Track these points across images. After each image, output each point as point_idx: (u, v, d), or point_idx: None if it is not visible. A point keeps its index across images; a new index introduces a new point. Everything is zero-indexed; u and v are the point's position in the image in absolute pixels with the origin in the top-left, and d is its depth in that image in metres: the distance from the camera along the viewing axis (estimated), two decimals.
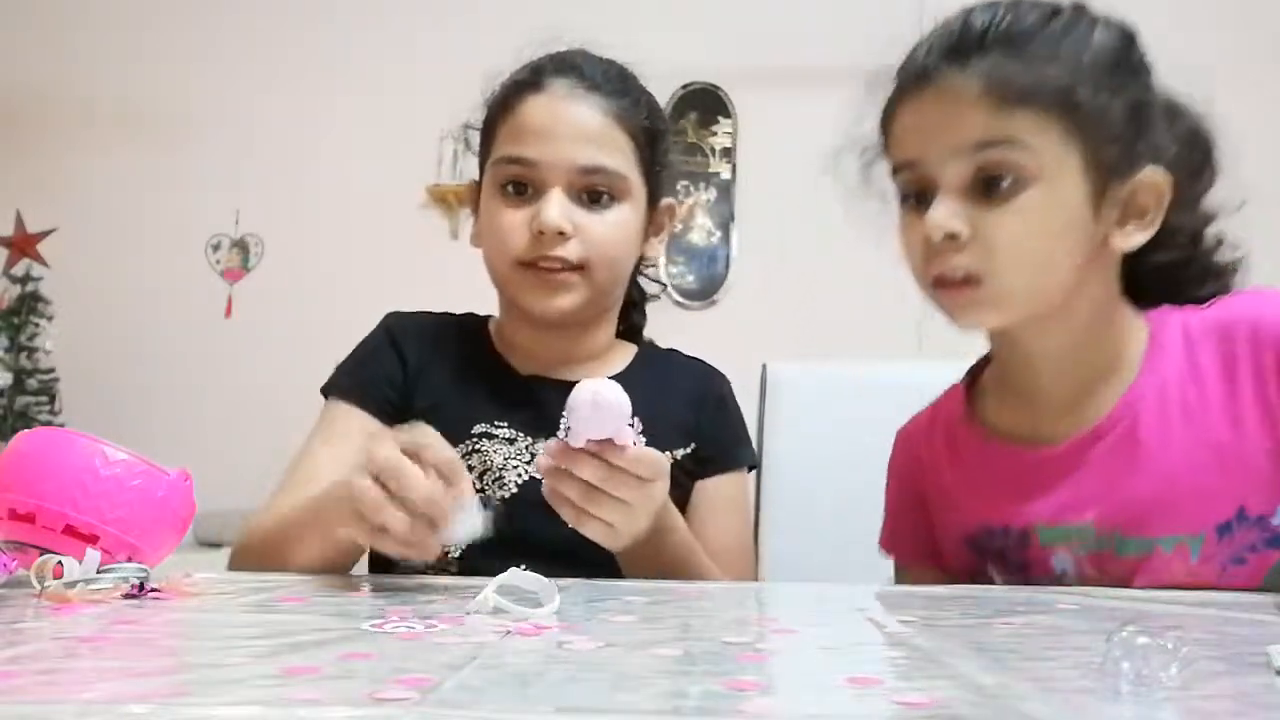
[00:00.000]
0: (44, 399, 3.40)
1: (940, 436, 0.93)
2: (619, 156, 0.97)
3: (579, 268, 0.96)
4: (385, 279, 2.02)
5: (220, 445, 2.97)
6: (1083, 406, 0.84)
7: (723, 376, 1.09)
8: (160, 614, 0.54)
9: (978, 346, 1.02)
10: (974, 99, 0.77)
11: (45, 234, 3.66)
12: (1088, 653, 0.44)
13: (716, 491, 1.02)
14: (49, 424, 3.27)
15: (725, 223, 3.59)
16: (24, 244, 3.65)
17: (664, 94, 3.59)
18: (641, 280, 1.12)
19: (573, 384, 0.73)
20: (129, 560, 0.64)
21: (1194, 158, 0.85)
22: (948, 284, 0.80)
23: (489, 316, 1.09)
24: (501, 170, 0.97)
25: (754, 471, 1.07)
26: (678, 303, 3.56)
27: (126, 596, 0.59)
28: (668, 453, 0.96)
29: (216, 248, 3.66)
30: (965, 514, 0.89)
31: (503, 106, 0.98)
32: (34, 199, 3.67)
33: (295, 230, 3.57)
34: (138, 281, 3.58)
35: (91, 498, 0.65)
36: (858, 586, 0.76)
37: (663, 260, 3.57)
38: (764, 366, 1.27)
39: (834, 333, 3.08)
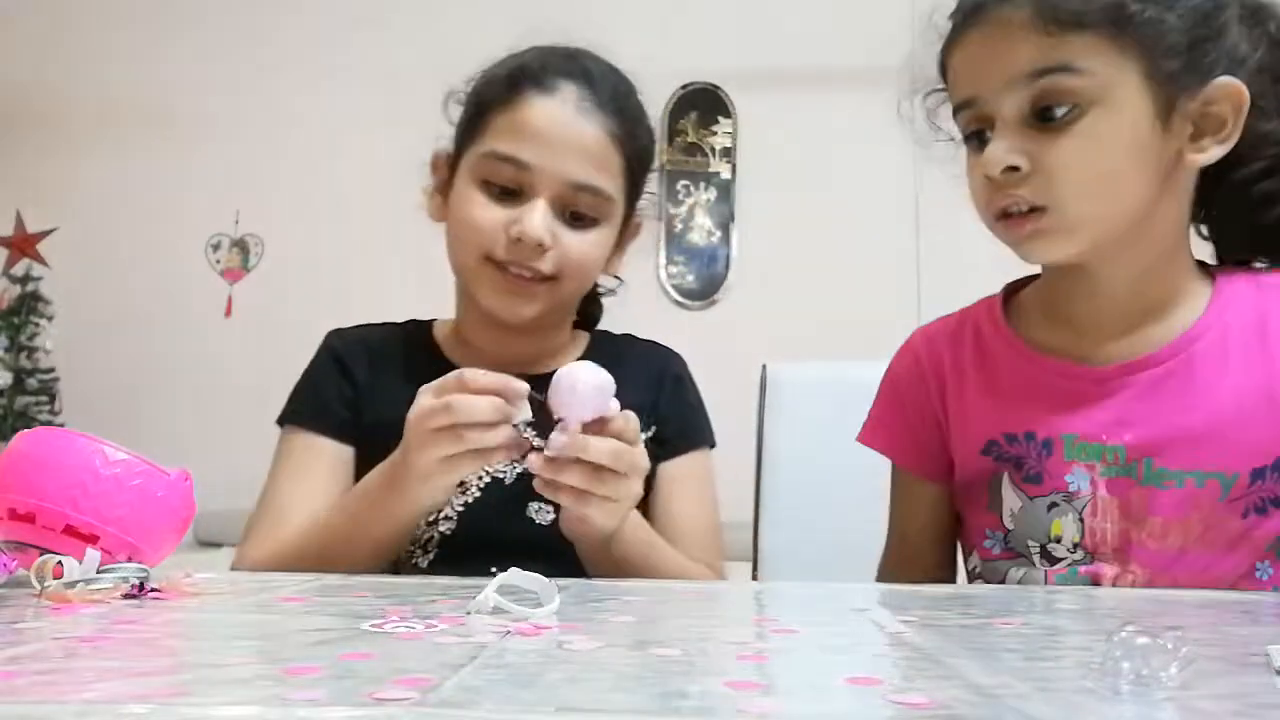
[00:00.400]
0: (44, 399, 3.40)
1: (969, 342, 0.92)
2: (611, 179, 0.95)
3: (550, 279, 0.95)
4: (385, 279, 2.02)
5: (220, 445, 2.97)
6: (1132, 337, 0.83)
7: (679, 357, 1.10)
8: (160, 614, 0.54)
9: None
10: (1023, 28, 0.76)
11: (45, 234, 3.66)
12: (1088, 653, 0.44)
13: (680, 472, 1.02)
14: (49, 424, 3.27)
15: (725, 223, 3.59)
16: (24, 244, 3.66)
17: (664, 94, 3.61)
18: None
19: (527, 381, 0.76)
20: (129, 560, 0.64)
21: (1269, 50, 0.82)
22: (1011, 217, 0.79)
23: (432, 321, 1.08)
24: (491, 165, 0.94)
25: (713, 449, 1.07)
26: (678, 303, 3.56)
27: (126, 596, 0.59)
28: None
29: (216, 248, 3.67)
30: (986, 420, 0.87)
31: (503, 97, 0.95)
32: (34, 199, 3.67)
33: (295, 230, 3.57)
34: (138, 281, 3.58)
35: (91, 498, 0.65)
36: (858, 586, 0.76)
37: (663, 260, 3.58)
38: (764, 366, 1.27)
39: (834, 333, 3.08)
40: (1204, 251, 0.88)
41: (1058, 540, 0.82)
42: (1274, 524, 0.79)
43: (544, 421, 0.75)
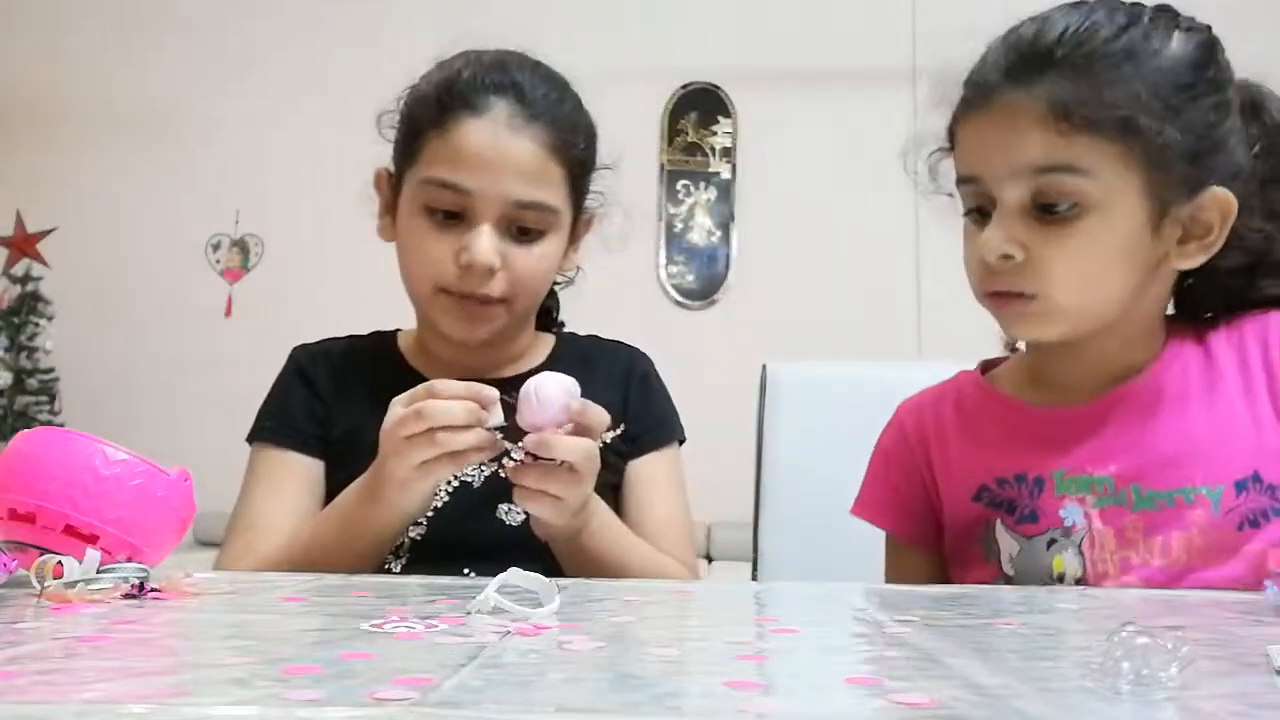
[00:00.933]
0: (44, 399, 3.40)
1: (951, 406, 0.95)
2: (553, 191, 0.94)
3: (502, 300, 0.95)
4: (385, 278, 2.02)
5: (220, 445, 2.97)
6: (1110, 385, 0.87)
7: (644, 355, 1.10)
8: (160, 614, 0.54)
9: (977, 348, 1.03)
10: (1035, 121, 0.77)
11: (45, 234, 3.66)
12: (1088, 653, 0.44)
13: (650, 469, 1.03)
14: (49, 424, 3.27)
15: (725, 223, 3.59)
16: (24, 244, 3.66)
17: (664, 94, 3.61)
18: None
19: (492, 385, 0.78)
20: (129, 560, 0.64)
21: (1273, 156, 0.84)
22: (1002, 296, 0.81)
23: (397, 331, 1.09)
24: (431, 192, 0.93)
25: (683, 445, 1.08)
26: (678, 303, 3.57)
27: (126, 596, 0.59)
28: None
29: (216, 248, 3.67)
30: (975, 469, 0.89)
31: (435, 118, 0.93)
32: (34, 199, 3.67)
33: (295, 230, 3.57)
34: (138, 281, 3.59)
35: (91, 498, 0.65)
36: (858, 586, 0.76)
37: (663, 260, 3.58)
38: (764, 367, 1.27)
39: (834, 333, 3.08)
40: None
41: (1060, 578, 0.83)
42: (1270, 534, 0.80)
43: (516, 426, 0.77)
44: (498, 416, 0.77)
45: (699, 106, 3.63)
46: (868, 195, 3.28)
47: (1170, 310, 0.90)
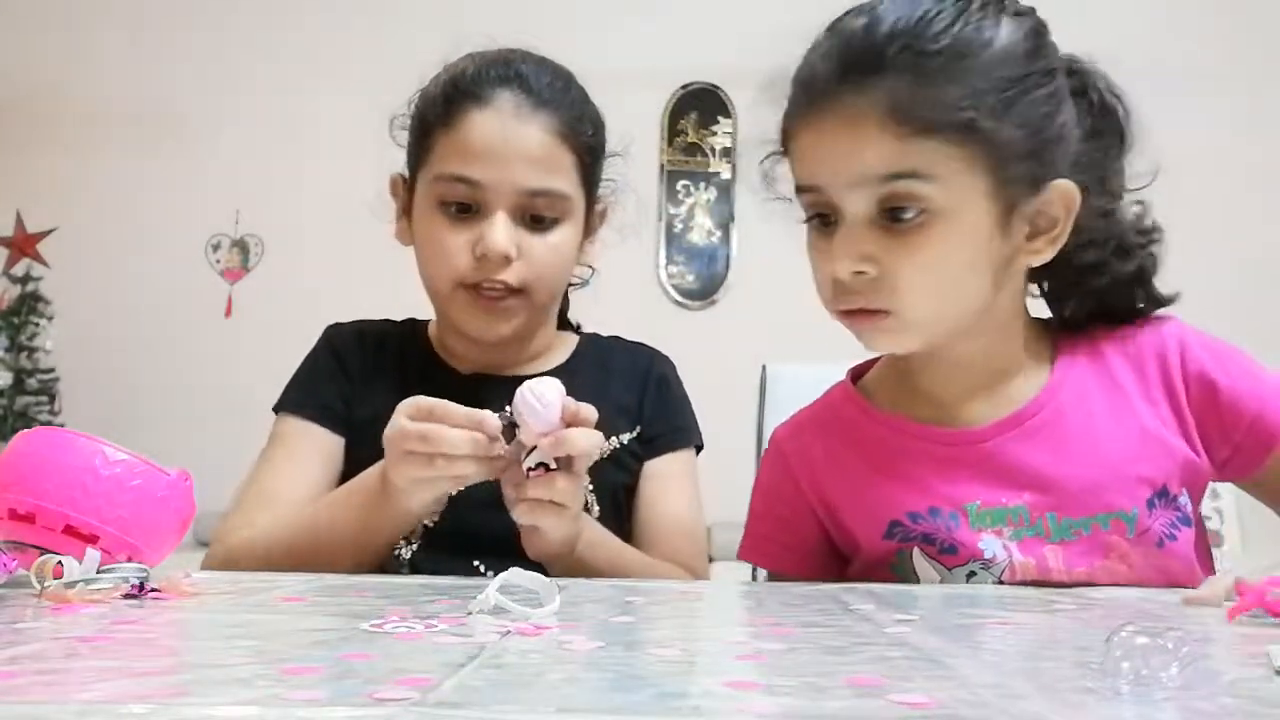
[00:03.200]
0: (44, 399, 3.40)
1: (837, 430, 0.90)
2: (563, 177, 0.95)
3: (520, 290, 0.94)
4: (384, 279, 2.02)
5: (220, 445, 2.97)
6: (991, 399, 0.85)
7: (665, 358, 1.10)
8: (160, 614, 0.54)
9: None
10: (875, 127, 0.74)
11: (45, 234, 3.66)
12: (1088, 653, 0.44)
13: (663, 471, 1.02)
14: (49, 424, 3.27)
15: (725, 223, 3.59)
16: (24, 244, 3.66)
17: (664, 94, 3.60)
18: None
19: (516, 380, 0.76)
20: (129, 560, 0.64)
21: (1106, 133, 0.83)
22: (854, 313, 0.79)
23: (429, 320, 1.09)
24: (444, 188, 0.94)
25: (700, 453, 1.07)
26: (678, 303, 3.56)
27: (126, 596, 0.59)
28: (613, 438, 0.99)
29: (216, 248, 3.67)
30: (882, 503, 0.85)
31: (443, 118, 0.94)
32: (34, 199, 3.67)
33: (295, 230, 3.57)
34: (138, 281, 3.59)
35: (91, 498, 0.65)
36: (857, 586, 0.76)
37: (663, 259, 3.58)
38: (764, 367, 1.27)
39: (834, 333, 3.08)
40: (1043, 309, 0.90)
41: None
42: (1183, 545, 0.81)
43: (518, 443, 0.77)
44: (500, 444, 0.76)
45: (699, 106, 3.62)
46: None
47: (1032, 320, 0.89)
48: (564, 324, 1.12)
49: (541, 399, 0.74)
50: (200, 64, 3.67)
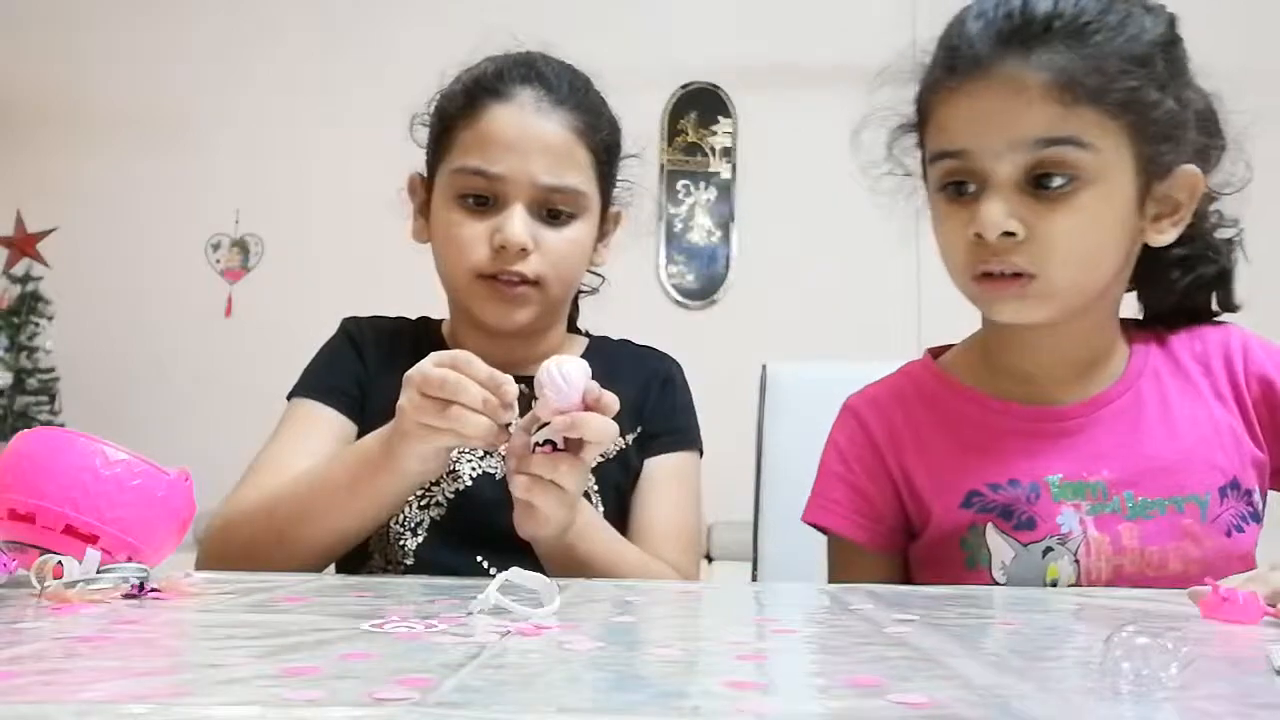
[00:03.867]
0: (44, 399, 3.40)
1: (917, 402, 0.92)
2: (580, 174, 0.97)
3: (535, 282, 0.96)
4: (385, 279, 2.02)
5: (220, 445, 2.97)
6: (1083, 380, 0.87)
7: (673, 361, 1.10)
8: (160, 614, 0.54)
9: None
10: (1038, 93, 0.75)
11: (45, 234, 3.66)
12: (1088, 653, 0.44)
13: (662, 472, 1.02)
14: (49, 424, 3.27)
15: (725, 223, 3.59)
16: (24, 244, 3.66)
17: (664, 94, 3.61)
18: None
19: (525, 379, 0.76)
20: (129, 560, 0.64)
21: (1208, 139, 0.85)
22: (995, 279, 0.79)
23: (442, 319, 1.10)
24: (463, 180, 0.96)
25: (703, 457, 1.07)
26: (678, 303, 3.56)
27: (126, 596, 0.59)
28: (620, 438, 0.97)
29: (216, 248, 3.67)
30: (964, 473, 0.86)
31: (464, 112, 0.97)
32: (34, 199, 3.67)
33: (295, 230, 3.57)
34: (138, 281, 3.59)
35: (91, 498, 0.65)
36: (857, 586, 0.76)
37: (663, 260, 3.58)
38: (764, 367, 1.27)
39: (834, 333, 3.08)
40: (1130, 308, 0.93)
41: (1054, 584, 0.82)
42: (1250, 538, 0.83)
43: (529, 414, 0.76)
44: (513, 413, 0.75)
45: (699, 106, 3.63)
46: (868, 195, 3.28)
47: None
48: (573, 329, 1.13)
49: (567, 376, 0.73)
50: (200, 64, 3.67)
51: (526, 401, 0.77)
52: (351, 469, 0.83)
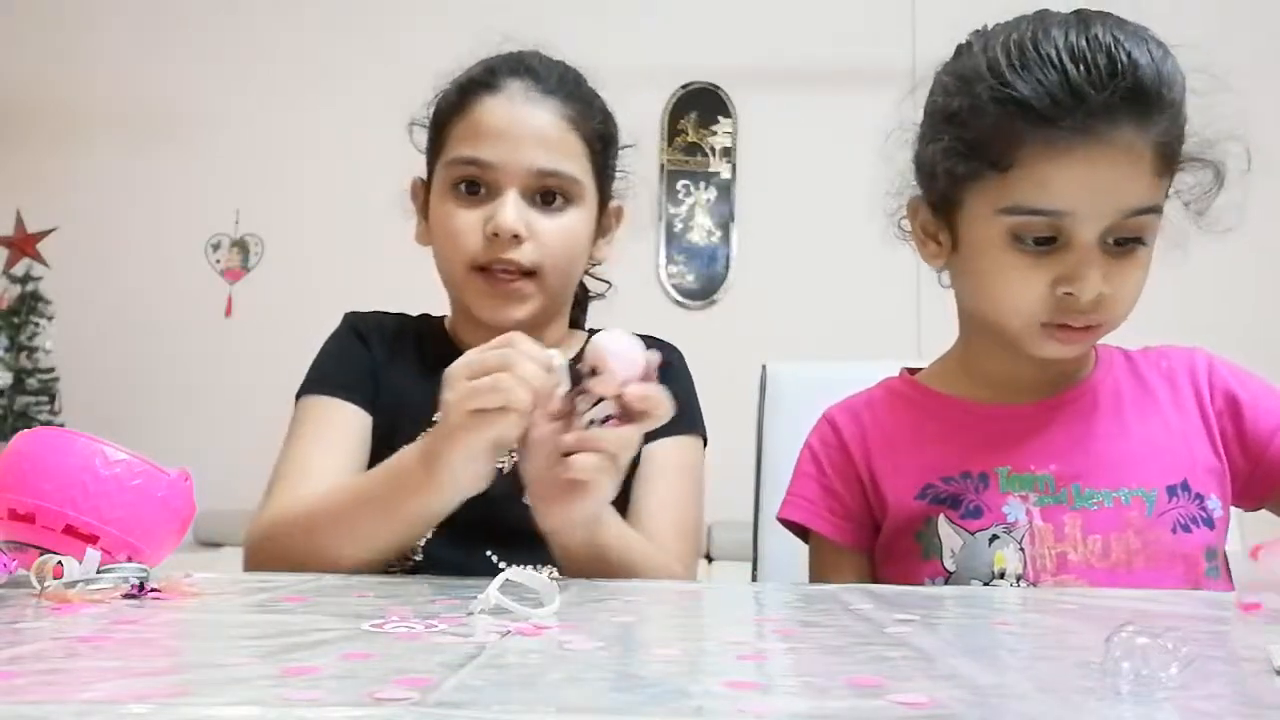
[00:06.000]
0: (44, 399, 3.40)
1: (888, 411, 0.96)
2: (573, 161, 0.97)
3: (532, 273, 0.95)
4: (385, 278, 2.03)
5: (220, 445, 2.97)
6: (1052, 384, 0.91)
7: (673, 348, 1.07)
8: (160, 614, 0.54)
9: None
10: (1148, 164, 0.78)
11: (45, 234, 3.66)
12: (1088, 653, 0.44)
13: (662, 454, 0.99)
14: (49, 424, 3.27)
15: (725, 223, 3.59)
16: (24, 244, 3.66)
17: (664, 94, 3.61)
18: (587, 279, 1.13)
19: None
20: (129, 560, 0.64)
21: None
22: (1065, 328, 0.82)
23: (444, 317, 1.10)
24: (456, 170, 0.96)
25: (707, 445, 1.05)
26: (677, 303, 3.56)
27: (126, 596, 0.59)
28: None
29: (216, 248, 3.67)
30: (921, 467, 0.90)
31: (456, 107, 0.98)
32: (34, 199, 3.67)
33: (295, 230, 3.57)
34: (138, 281, 3.59)
35: (91, 498, 0.65)
36: (858, 586, 0.76)
37: (663, 259, 3.58)
38: (764, 367, 1.27)
39: (834, 333, 3.08)
40: None
41: (1001, 575, 0.85)
42: (1198, 540, 0.85)
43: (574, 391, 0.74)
44: (563, 382, 0.73)
45: (699, 106, 3.62)
46: (868, 195, 3.28)
47: None
48: (575, 327, 1.12)
49: (626, 352, 0.71)
50: (200, 64, 3.67)
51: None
52: (388, 485, 0.81)
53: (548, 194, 0.96)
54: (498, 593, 0.53)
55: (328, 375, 1.00)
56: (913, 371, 1.00)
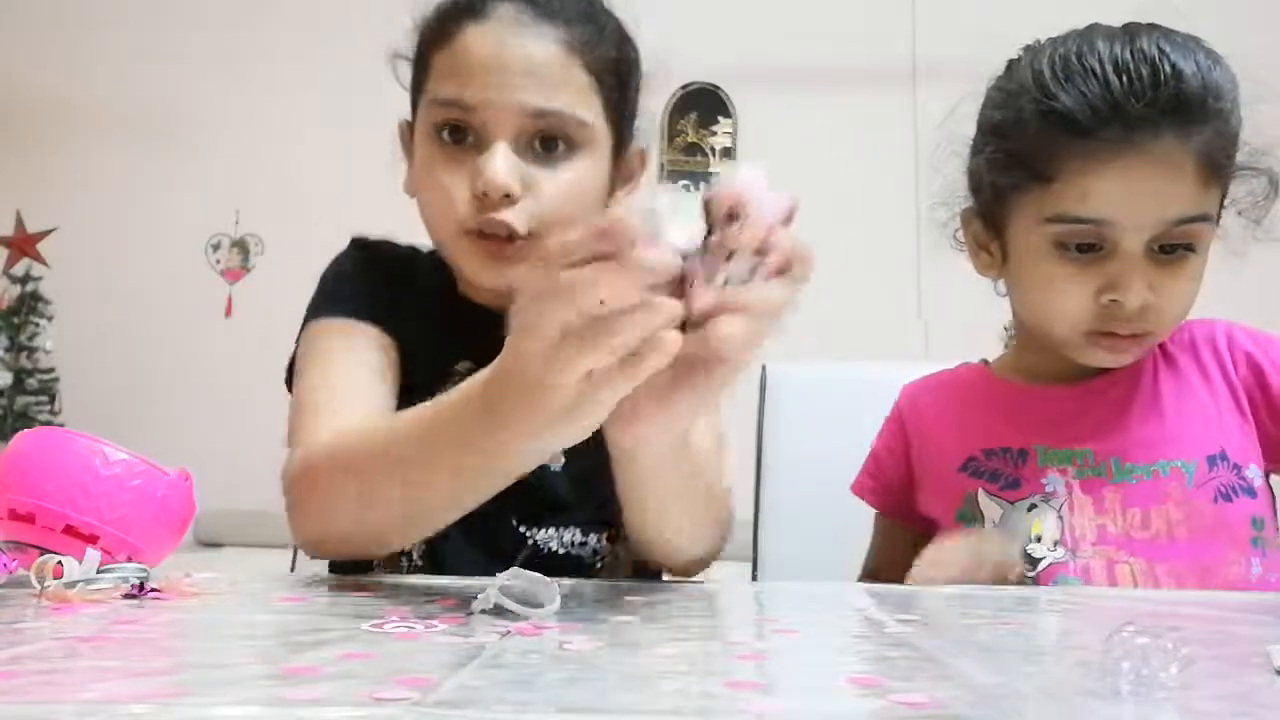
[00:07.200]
0: (44, 399, 3.41)
1: (949, 391, 0.99)
2: (577, 97, 0.82)
3: (529, 237, 0.80)
4: None
5: (220, 445, 2.97)
6: (1092, 372, 0.92)
7: None
8: (160, 614, 0.54)
9: (977, 347, 1.03)
10: (1191, 173, 0.79)
11: (45, 234, 3.66)
12: (1088, 652, 0.44)
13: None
14: (49, 423, 3.27)
15: None
16: (24, 244, 3.66)
17: (664, 94, 3.61)
18: None
19: None
20: (129, 560, 0.64)
21: None
22: (1112, 336, 0.83)
23: None
24: (437, 113, 0.82)
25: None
26: None
27: (126, 596, 0.59)
28: None
29: (216, 247, 3.67)
30: (965, 441, 0.92)
31: (438, 35, 0.85)
32: (34, 199, 3.67)
33: (295, 230, 3.57)
34: (138, 281, 3.59)
35: (91, 498, 0.65)
36: (857, 586, 0.76)
37: None
38: (764, 367, 1.27)
39: (834, 333, 3.08)
40: None
41: (1038, 539, 0.86)
42: (1241, 509, 0.85)
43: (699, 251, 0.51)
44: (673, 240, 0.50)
45: (699, 106, 3.63)
46: (868, 195, 3.28)
47: None
48: None
49: (766, 188, 0.52)
50: (200, 64, 3.67)
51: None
52: (443, 438, 0.62)
53: (547, 140, 0.81)
54: (497, 593, 0.53)
55: (342, 295, 0.87)
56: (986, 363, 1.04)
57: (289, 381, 0.88)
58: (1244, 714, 0.34)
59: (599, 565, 0.88)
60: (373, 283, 0.88)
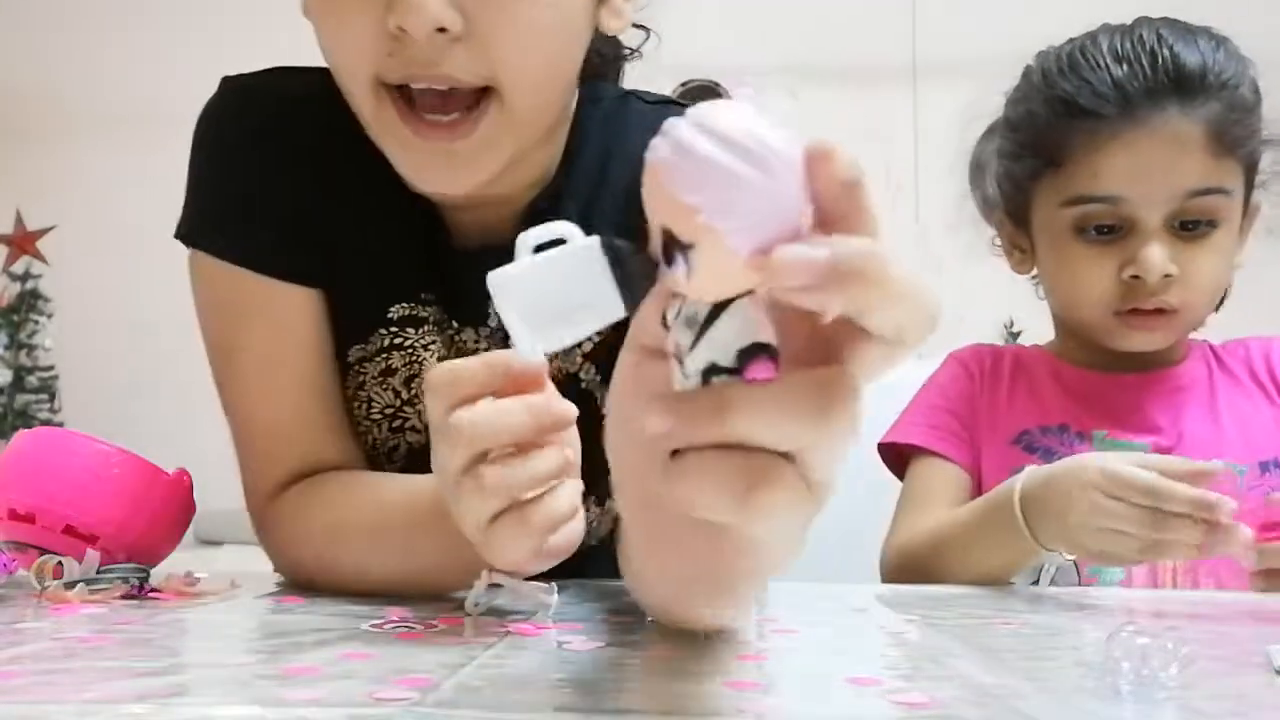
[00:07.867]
0: (44, 397, 3.40)
1: (1009, 359, 1.00)
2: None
3: (483, 92, 0.58)
4: None
5: (220, 445, 2.97)
6: (1153, 364, 0.94)
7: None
8: (160, 614, 0.54)
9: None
10: (1196, 145, 0.82)
11: (45, 231, 3.66)
12: (1088, 652, 0.44)
13: None
14: (49, 422, 3.27)
15: None
16: (24, 241, 3.65)
17: (662, 92, 3.61)
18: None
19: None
20: (129, 560, 0.64)
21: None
22: (1142, 314, 0.86)
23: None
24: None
25: None
26: None
27: (126, 596, 0.59)
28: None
29: None
30: (1021, 414, 0.94)
31: None
32: (34, 197, 3.67)
33: None
34: (138, 279, 3.58)
35: (91, 498, 0.65)
36: (858, 586, 0.76)
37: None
38: None
39: None
40: None
41: None
42: None
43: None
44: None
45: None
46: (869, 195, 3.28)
47: None
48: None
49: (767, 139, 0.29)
50: (200, 64, 3.67)
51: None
52: (408, 526, 0.58)
53: None
54: (495, 593, 0.53)
55: (246, 220, 0.66)
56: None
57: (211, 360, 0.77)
58: (1244, 714, 0.34)
59: (592, 531, 0.67)
60: (290, 201, 0.67)
